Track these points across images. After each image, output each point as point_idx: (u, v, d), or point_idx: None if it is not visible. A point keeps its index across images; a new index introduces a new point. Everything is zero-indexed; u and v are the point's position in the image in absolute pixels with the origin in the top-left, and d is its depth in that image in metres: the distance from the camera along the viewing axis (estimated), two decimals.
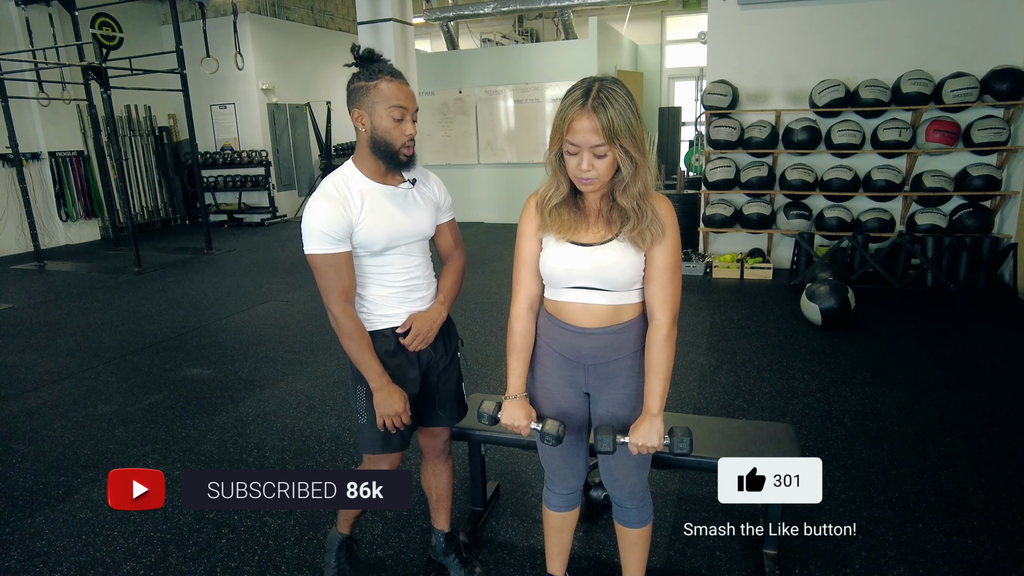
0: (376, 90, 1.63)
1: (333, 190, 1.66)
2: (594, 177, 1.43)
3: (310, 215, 1.64)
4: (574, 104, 1.39)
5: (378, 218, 1.69)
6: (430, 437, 2.00)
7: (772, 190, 5.84)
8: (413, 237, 1.79)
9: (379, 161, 1.69)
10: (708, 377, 3.65)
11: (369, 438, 1.83)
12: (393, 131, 1.65)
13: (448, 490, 2.09)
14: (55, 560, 2.24)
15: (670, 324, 1.52)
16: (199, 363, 4.13)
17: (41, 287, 6.46)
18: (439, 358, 1.89)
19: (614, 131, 1.38)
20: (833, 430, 2.99)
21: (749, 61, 5.85)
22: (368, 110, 1.64)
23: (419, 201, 1.79)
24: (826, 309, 4.27)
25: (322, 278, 1.67)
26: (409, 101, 1.66)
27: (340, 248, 1.65)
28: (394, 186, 1.74)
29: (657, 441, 1.51)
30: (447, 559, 2.10)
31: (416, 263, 1.82)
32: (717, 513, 2.38)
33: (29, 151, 8.37)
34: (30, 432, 3.23)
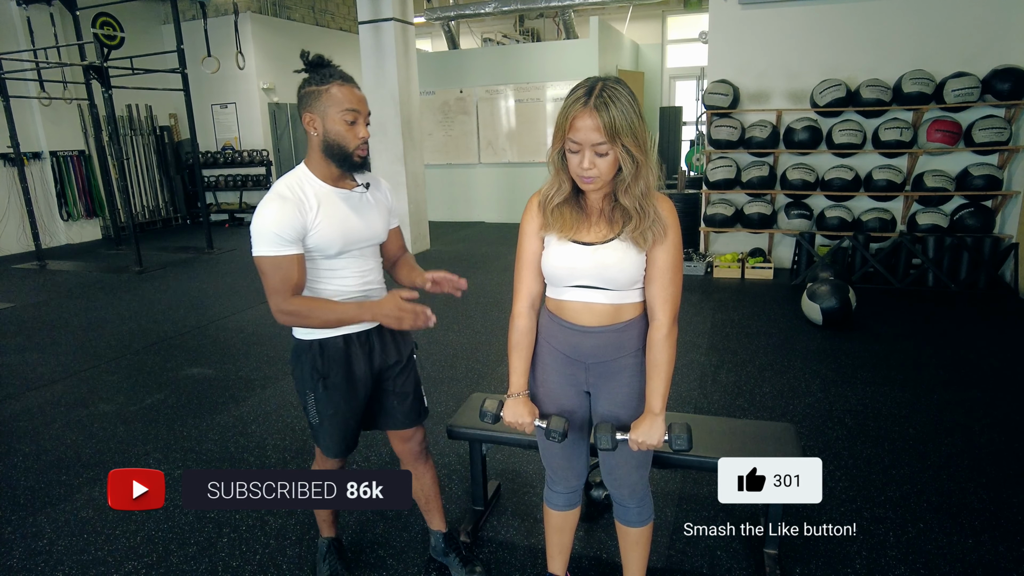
0: (328, 94, 1.62)
1: (287, 191, 1.64)
2: (596, 176, 1.43)
3: (262, 216, 1.60)
4: (577, 102, 1.40)
5: (333, 221, 1.68)
6: (402, 442, 1.98)
7: (773, 190, 5.84)
8: (368, 240, 1.79)
9: (332, 164, 1.69)
10: (709, 377, 3.65)
11: (323, 443, 1.87)
12: (346, 134, 1.65)
13: (435, 490, 2.09)
14: (56, 559, 2.25)
15: (671, 324, 1.53)
16: (200, 362, 4.14)
17: (42, 286, 6.47)
18: (393, 362, 1.88)
19: (616, 130, 1.38)
20: (834, 430, 2.99)
21: (750, 61, 5.85)
22: (320, 114, 1.64)
23: (372, 204, 1.80)
24: (827, 309, 4.27)
25: (269, 279, 1.63)
26: (361, 104, 1.66)
27: (291, 250, 1.62)
28: (348, 190, 1.75)
29: (657, 439, 1.51)
30: (447, 559, 2.10)
31: (371, 267, 1.83)
32: (718, 513, 2.38)
33: (30, 150, 8.38)
34: (31, 431, 3.24)
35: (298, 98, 1.67)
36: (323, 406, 1.80)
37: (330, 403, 1.79)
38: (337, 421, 1.82)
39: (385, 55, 6.88)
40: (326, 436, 1.85)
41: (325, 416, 1.81)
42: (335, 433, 1.84)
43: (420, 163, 7.49)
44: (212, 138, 10.50)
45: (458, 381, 3.70)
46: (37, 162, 8.53)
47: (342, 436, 1.86)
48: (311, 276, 1.73)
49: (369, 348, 1.82)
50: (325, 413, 1.80)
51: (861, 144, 5.45)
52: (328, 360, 1.76)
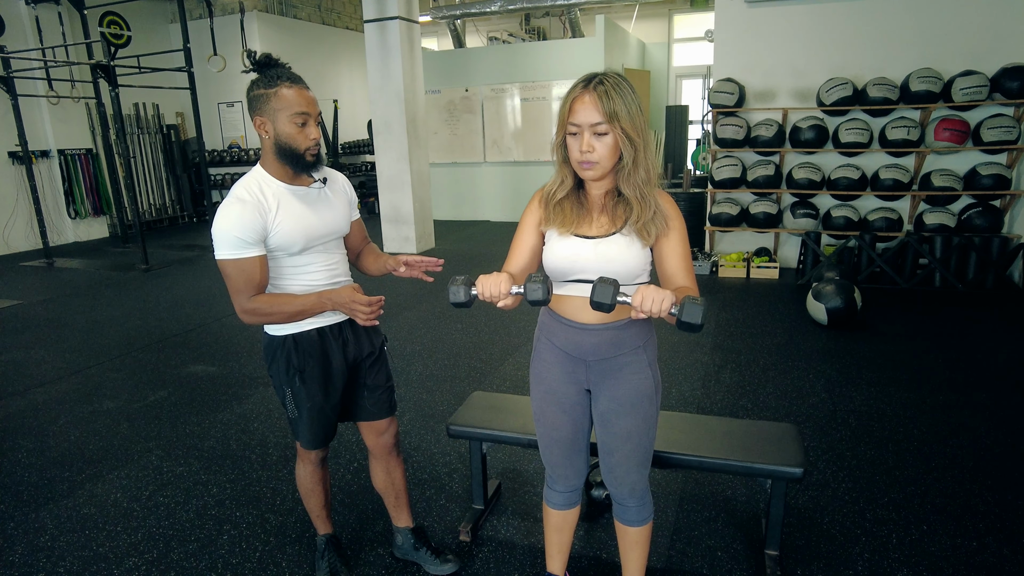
0: (277, 97, 1.62)
1: (246, 194, 1.65)
2: (595, 160, 1.43)
3: (223, 219, 1.61)
4: (576, 87, 1.44)
5: (294, 219, 1.69)
6: (376, 435, 1.99)
7: (779, 189, 5.81)
8: (331, 235, 1.81)
9: (286, 166, 1.70)
10: (712, 376, 3.63)
11: (302, 435, 1.89)
12: (297, 136, 1.65)
13: (404, 485, 2.10)
14: (58, 555, 2.25)
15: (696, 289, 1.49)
16: (204, 360, 4.15)
17: (49, 284, 6.51)
18: (367, 353, 1.90)
19: (615, 111, 1.39)
20: (837, 431, 2.97)
21: (756, 59, 5.81)
22: (270, 117, 1.64)
23: (331, 199, 1.81)
24: (832, 309, 4.25)
25: (231, 281, 1.64)
26: (311, 106, 1.66)
27: (253, 252, 1.64)
28: (306, 187, 1.76)
29: (667, 302, 1.26)
30: (418, 554, 2.10)
31: (335, 260, 1.85)
32: (719, 513, 2.37)
33: (39, 149, 8.44)
34: (36, 428, 3.25)
35: (247, 101, 1.67)
36: (301, 399, 1.82)
37: (308, 396, 1.81)
38: (315, 413, 1.84)
39: (390, 53, 6.88)
40: (305, 429, 1.86)
41: (303, 409, 1.83)
42: (314, 425, 1.86)
43: (425, 161, 7.49)
44: (219, 136, 10.54)
45: (460, 380, 3.69)
46: (45, 160, 8.58)
47: (321, 427, 1.87)
48: (278, 275, 1.75)
49: (343, 340, 1.84)
50: (303, 406, 1.82)
51: (868, 143, 5.41)
52: (303, 353, 1.78)
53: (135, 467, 2.84)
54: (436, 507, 2.48)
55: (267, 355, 1.84)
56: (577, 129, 1.43)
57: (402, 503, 2.11)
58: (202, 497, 2.59)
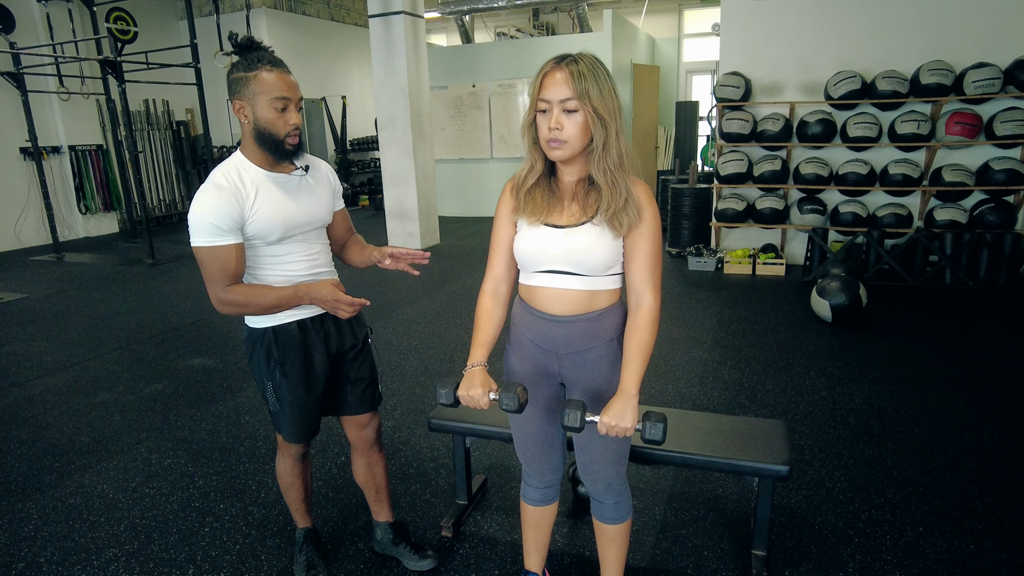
0: (256, 80, 1.57)
1: (223, 180, 1.61)
2: (563, 139, 1.39)
3: (199, 206, 1.57)
4: (548, 64, 1.39)
5: (272, 207, 1.65)
6: (357, 429, 1.96)
7: (786, 184, 5.71)
8: (311, 224, 1.76)
9: (266, 152, 1.66)
10: (711, 374, 3.57)
11: (284, 429, 1.86)
12: (276, 122, 1.61)
13: (386, 480, 2.07)
14: (40, 545, 2.25)
15: (658, 307, 1.48)
16: (202, 353, 4.15)
17: (57, 278, 6.57)
18: (349, 346, 1.86)
19: (586, 88, 1.35)
20: (836, 429, 2.90)
21: (763, 52, 5.72)
22: (249, 101, 1.60)
23: (313, 187, 1.77)
24: (836, 305, 4.16)
25: (207, 269, 1.60)
26: (291, 91, 1.61)
27: (229, 240, 1.60)
28: (286, 174, 1.71)
29: (631, 422, 1.38)
30: (398, 549, 2.07)
31: (316, 251, 1.80)
32: (708, 512, 2.31)
33: (50, 144, 8.52)
34: (31, 419, 3.27)
35: (228, 84, 1.63)
36: (282, 393, 1.78)
37: (289, 389, 1.78)
38: (297, 407, 1.80)
39: (395, 48, 6.86)
40: (288, 422, 1.83)
41: (285, 403, 1.80)
42: (296, 419, 1.82)
43: (430, 157, 7.47)
44: (228, 133, 10.59)
45: (456, 376, 3.65)
46: (56, 156, 8.67)
47: (303, 421, 1.84)
48: (256, 264, 1.71)
49: (325, 332, 1.80)
50: (285, 399, 1.79)
51: (877, 137, 5.30)
52: (283, 347, 1.75)
53: (124, 458, 2.83)
54: (420, 502, 2.44)
55: (247, 347, 1.81)
56: (547, 105, 1.38)
57: (383, 498, 2.08)
58: (187, 489, 2.57)
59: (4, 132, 8.05)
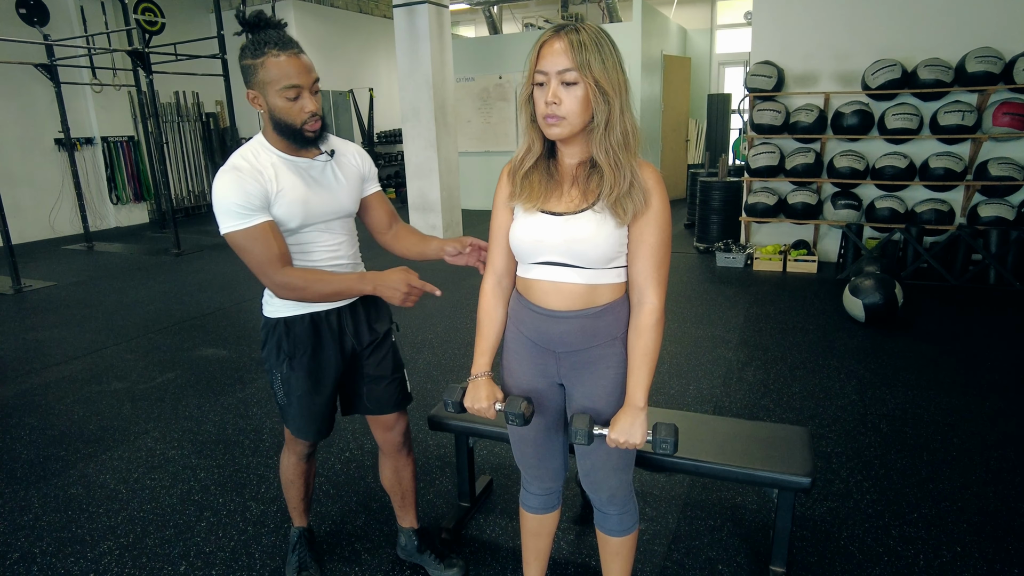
0: (264, 68, 1.45)
1: (243, 162, 1.52)
2: (561, 115, 1.26)
3: (220, 190, 1.47)
4: (545, 33, 1.27)
5: (293, 193, 1.55)
6: (384, 431, 1.86)
7: (819, 178, 5.47)
8: (333, 214, 1.65)
9: (286, 140, 1.55)
10: (735, 374, 3.41)
11: (291, 423, 1.78)
12: (291, 111, 1.49)
13: (413, 485, 1.97)
14: (37, 535, 2.22)
15: (662, 308, 1.36)
16: (217, 343, 4.13)
17: (85, 267, 6.66)
18: (367, 343, 1.75)
19: (586, 59, 1.22)
20: (866, 436, 2.72)
21: (796, 41, 5.48)
22: (260, 90, 1.48)
23: (339, 174, 1.65)
24: (870, 305, 3.95)
25: (249, 255, 1.50)
26: (303, 75, 1.47)
27: (261, 217, 1.49)
28: (310, 159, 1.60)
29: (640, 437, 1.33)
30: (423, 557, 1.97)
31: (339, 241, 1.69)
32: (725, 522, 2.18)
33: (83, 136, 8.66)
34: (43, 406, 3.27)
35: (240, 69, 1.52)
36: (290, 386, 1.71)
37: (297, 384, 1.70)
38: (305, 403, 1.72)
39: (419, 39, 6.78)
40: (295, 416, 1.75)
41: (292, 396, 1.72)
42: (303, 414, 1.74)
43: (454, 149, 7.38)
44: (256, 124, 10.65)
45: (467, 371, 3.56)
46: (89, 147, 8.80)
47: (310, 418, 1.75)
48: None
49: (340, 328, 1.71)
50: (293, 394, 1.71)
51: (917, 129, 5.04)
52: (294, 339, 1.66)
53: (129, 448, 2.81)
54: (423, 502, 2.35)
55: (262, 335, 1.73)
56: (544, 78, 1.26)
57: (408, 503, 1.98)
58: (188, 482, 2.53)
59: (39, 123, 8.21)
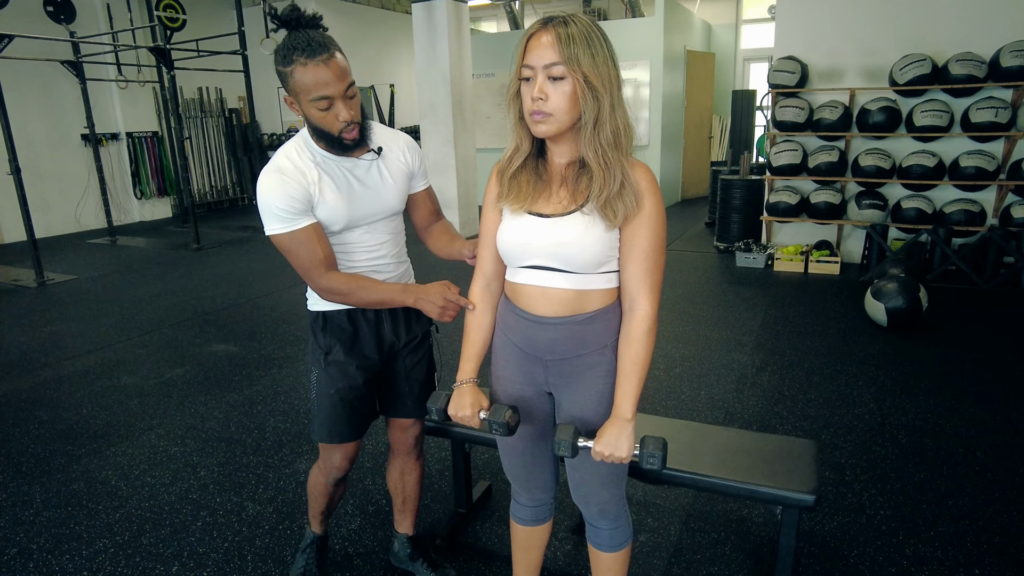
0: (293, 77, 1.40)
1: (287, 162, 1.48)
2: (548, 111, 1.20)
3: (264, 191, 1.45)
4: (534, 25, 1.21)
5: (337, 195, 1.51)
6: (399, 431, 1.83)
7: (843, 177, 5.31)
8: (378, 215, 1.60)
9: (326, 143, 1.50)
10: (748, 380, 3.31)
11: (318, 425, 1.68)
12: (325, 120, 1.44)
13: (416, 491, 1.92)
14: (36, 530, 2.23)
15: (655, 315, 1.30)
16: (228, 339, 4.14)
17: (107, 261, 6.76)
18: (404, 342, 1.71)
19: (574, 52, 1.16)
20: (882, 447, 2.61)
21: (821, 35, 5.32)
22: (295, 97, 1.44)
23: (385, 174, 1.60)
24: (892, 308, 3.81)
25: (295, 257, 1.50)
26: (334, 84, 1.40)
27: (305, 221, 1.48)
28: (355, 158, 1.55)
29: (626, 451, 1.27)
30: (414, 565, 1.93)
31: (381, 241, 1.63)
32: (729, 535, 2.10)
33: (109, 131, 8.79)
34: (54, 400, 3.30)
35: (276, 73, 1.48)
36: (323, 384, 1.64)
37: (330, 381, 1.63)
38: (335, 401, 1.64)
39: (437, 34, 6.74)
40: (319, 415, 1.66)
41: (322, 394, 1.64)
42: (330, 413, 1.65)
43: (472, 146, 7.33)
44: (278, 120, 10.73)
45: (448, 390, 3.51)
46: (115, 143, 8.94)
47: (337, 418, 1.65)
48: None
49: (377, 325, 1.66)
50: (323, 391, 1.64)
51: (947, 127, 4.85)
52: (330, 335, 1.63)
53: (133, 444, 2.81)
54: (421, 506, 2.29)
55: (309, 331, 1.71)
56: (531, 72, 1.20)
57: (408, 509, 1.94)
58: (187, 480, 2.52)
59: (67, 119, 8.35)
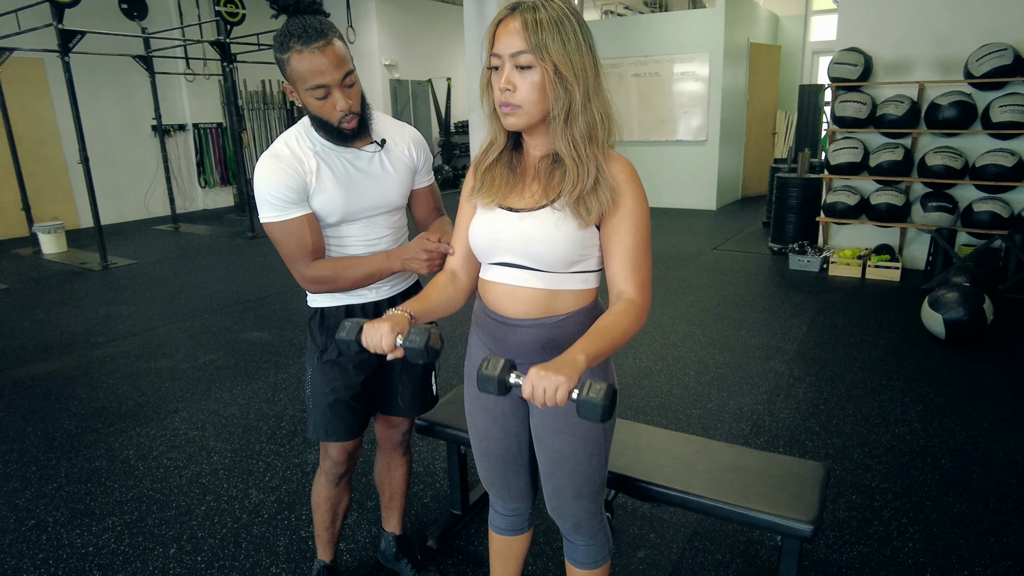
0: (289, 65, 1.36)
1: (284, 149, 1.45)
2: (515, 103, 1.13)
3: (260, 177, 1.43)
4: (502, 11, 1.13)
5: (335, 186, 1.47)
6: (387, 427, 1.80)
7: (908, 177, 4.95)
8: (377, 209, 1.55)
9: (326, 132, 1.46)
10: (783, 391, 3.12)
11: (313, 423, 1.65)
12: (322, 109, 1.40)
13: (402, 488, 1.88)
14: (55, 504, 2.32)
15: (644, 307, 1.18)
16: (263, 327, 4.23)
17: (168, 247, 7.06)
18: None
19: (542, 39, 1.08)
20: (922, 472, 2.40)
21: (889, 25, 4.96)
22: (293, 86, 1.40)
23: (387, 166, 1.55)
24: (951, 320, 3.51)
25: (283, 247, 1.48)
26: (327, 73, 1.35)
27: (297, 211, 1.45)
28: (356, 149, 1.51)
29: (564, 389, 0.98)
30: (399, 564, 1.90)
31: (380, 236, 1.58)
32: (734, 558, 1.96)
33: (176, 123, 9.20)
34: (94, 379, 3.45)
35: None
36: (317, 383, 1.62)
37: (325, 380, 1.60)
38: (329, 400, 1.60)
39: (486, 27, 6.68)
40: (314, 413, 1.64)
41: (317, 393, 1.62)
42: (325, 412, 1.61)
43: None
44: None
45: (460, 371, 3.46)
46: (182, 133, 9.34)
47: (332, 417, 1.62)
48: None
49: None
50: (317, 390, 1.62)
51: None
52: (327, 332, 1.60)
53: (157, 426, 2.90)
54: (418, 505, 2.28)
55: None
56: (498, 61, 1.13)
57: (394, 506, 1.91)
58: (200, 464, 2.57)
59: (138, 111, 8.77)
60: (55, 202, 8.07)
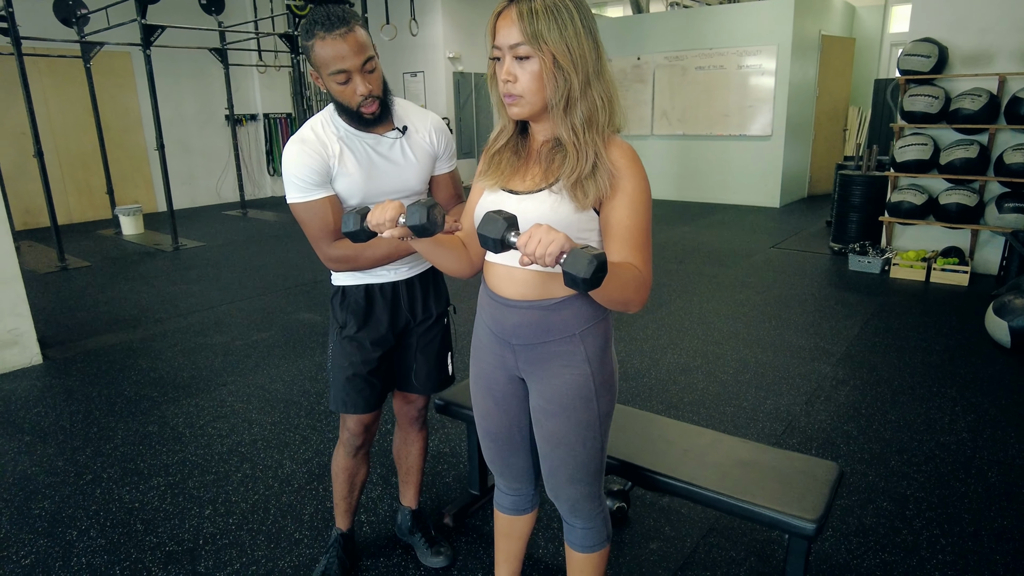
0: (313, 51, 1.43)
1: (310, 133, 1.54)
2: (517, 93, 1.16)
3: (286, 160, 1.52)
4: (501, 2, 1.16)
5: (357, 169, 1.54)
6: (404, 403, 1.87)
7: (982, 176, 4.66)
8: (395, 193, 1.61)
9: (348, 118, 1.53)
10: (824, 392, 3.02)
11: (332, 395, 1.74)
12: (344, 94, 1.47)
13: (419, 463, 1.94)
14: (111, 463, 2.51)
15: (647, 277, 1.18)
16: (314, 308, 4.41)
17: (235, 231, 7.42)
18: (419, 320, 1.73)
19: (537, 29, 1.10)
20: (964, 484, 2.28)
21: (970, 13, 4.67)
22: (317, 71, 1.48)
23: (408, 153, 1.61)
24: (1018, 328, 3.30)
25: (307, 227, 1.56)
26: (348, 59, 1.42)
27: (321, 193, 1.53)
28: (378, 134, 1.58)
29: (555, 247, 0.96)
30: (413, 538, 1.96)
31: None
32: (748, 555, 1.93)
33: (248, 113, 9.63)
34: (156, 352, 3.69)
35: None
36: (337, 357, 1.71)
37: (344, 355, 1.69)
38: (348, 374, 1.68)
39: None
40: (334, 386, 1.73)
41: (336, 366, 1.70)
42: (344, 386, 1.69)
43: None
44: None
45: None
46: (253, 123, 9.78)
47: (350, 390, 1.69)
48: None
49: (394, 299, 1.69)
50: (337, 364, 1.70)
51: None
52: (347, 309, 1.68)
53: (207, 398, 3.08)
54: (439, 483, 2.34)
55: None
56: (498, 53, 1.17)
57: (411, 480, 1.98)
58: (241, 434, 2.72)
59: (213, 101, 9.24)
60: (136, 187, 8.61)
